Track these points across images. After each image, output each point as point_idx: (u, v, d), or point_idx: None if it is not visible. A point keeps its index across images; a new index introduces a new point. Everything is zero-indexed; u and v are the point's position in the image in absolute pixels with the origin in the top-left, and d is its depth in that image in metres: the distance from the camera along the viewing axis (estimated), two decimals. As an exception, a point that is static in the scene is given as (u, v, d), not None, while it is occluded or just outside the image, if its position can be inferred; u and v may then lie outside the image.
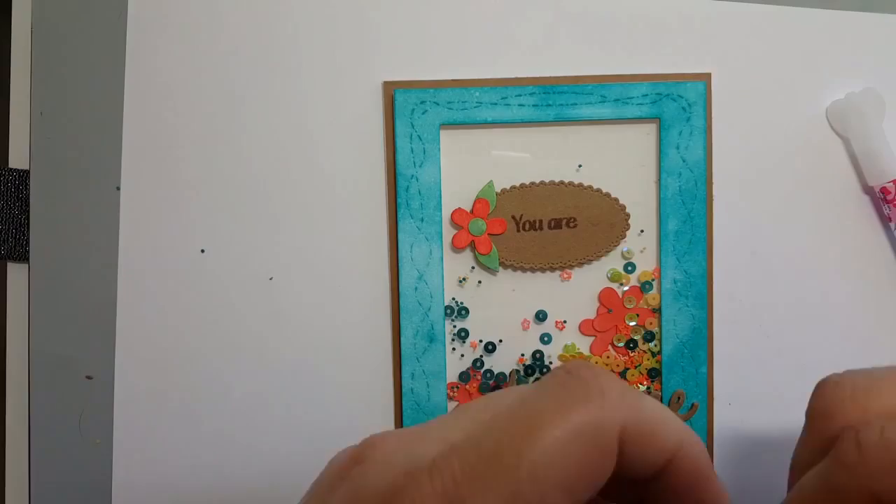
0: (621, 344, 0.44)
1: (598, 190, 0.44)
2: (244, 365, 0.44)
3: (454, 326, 0.44)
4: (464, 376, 0.44)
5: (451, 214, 0.44)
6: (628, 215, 0.44)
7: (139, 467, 0.44)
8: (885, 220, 0.45)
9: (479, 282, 0.44)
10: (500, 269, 0.44)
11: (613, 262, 0.44)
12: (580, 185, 0.44)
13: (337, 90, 0.44)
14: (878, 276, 0.45)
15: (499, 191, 0.44)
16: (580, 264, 0.44)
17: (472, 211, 0.44)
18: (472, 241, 0.44)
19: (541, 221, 0.44)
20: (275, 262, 0.44)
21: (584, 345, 0.45)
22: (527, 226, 0.44)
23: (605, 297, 0.44)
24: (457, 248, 0.44)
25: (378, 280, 0.44)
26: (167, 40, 0.44)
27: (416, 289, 0.43)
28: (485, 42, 0.44)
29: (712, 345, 0.44)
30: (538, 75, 0.43)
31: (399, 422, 0.44)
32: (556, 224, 0.44)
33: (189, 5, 0.44)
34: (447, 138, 0.43)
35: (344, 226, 0.44)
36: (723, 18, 0.44)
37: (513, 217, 0.44)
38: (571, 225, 0.44)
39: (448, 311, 0.44)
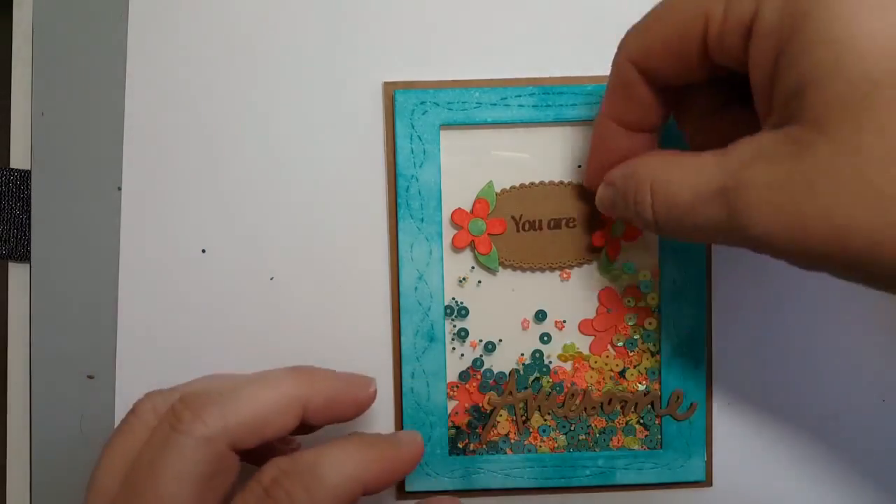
0: (620, 343, 0.45)
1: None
2: (245, 365, 0.44)
3: (454, 326, 0.45)
4: (464, 376, 0.45)
5: (451, 214, 0.44)
6: (628, 215, 0.44)
7: (140, 466, 0.44)
8: (884, 220, 0.45)
9: (479, 282, 0.44)
10: (500, 269, 0.44)
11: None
12: (580, 185, 0.44)
13: (337, 90, 0.44)
14: (877, 275, 0.45)
15: (498, 191, 0.44)
16: (580, 264, 0.44)
17: (472, 211, 0.44)
18: (472, 240, 0.44)
19: (540, 221, 0.44)
20: (275, 262, 0.44)
21: (583, 344, 0.45)
22: (526, 226, 0.44)
23: (605, 297, 0.44)
24: (457, 247, 0.44)
25: (378, 280, 0.44)
26: (168, 40, 0.44)
27: (416, 289, 0.44)
28: (485, 42, 0.44)
29: (711, 344, 0.44)
30: (538, 75, 0.44)
31: (399, 421, 0.44)
32: (556, 224, 0.44)
33: (190, 6, 0.44)
34: (447, 139, 0.44)
35: (344, 226, 0.44)
36: (722, 19, 0.44)
37: (512, 217, 0.44)
38: (571, 225, 0.44)
39: (448, 310, 0.44)
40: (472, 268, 0.44)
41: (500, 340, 0.45)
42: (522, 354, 0.45)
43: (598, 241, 0.43)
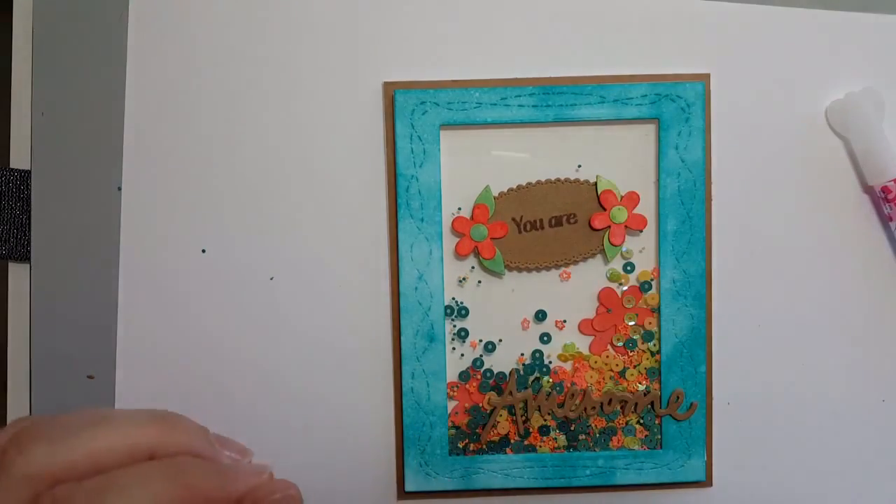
0: (620, 343, 0.45)
1: (595, 185, 0.44)
2: (244, 364, 0.44)
3: (454, 326, 0.45)
4: (464, 376, 0.45)
5: (452, 223, 0.44)
6: (628, 215, 0.44)
7: (140, 466, 0.44)
8: (885, 220, 0.45)
9: (479, 282, 0.44)
10: (506, 271, 0.44)
11: (613, 261, 0.44)
12: (577, 181, 0.44)
13: (337, 91, 0.44)
14: (878, 275, 0.45)
15: (496, 194, 0.44)
16: (584, 258, 0.44)
17: (471, 217, 0.44)
18: (476, 247, 0.44)
19: (541, 220, 0.44)
20: (275, 262, 0.44)
21: (583, 344, 0.45)
22: (528, 226, 0.44)
23: (605, 297, 0.44)
24: (460, 255, 0.44)
25: (378, 280, 0.44)
26: (168, 41, 0.44)
27: (416, 289, 0.43)
28: (485, 42, 0.44)
29: (711, 344, 0.44)
30: (538, 76, 0.44)
31: (399, 421, 0.44)
32: (557, 221, 0.44)
33: (189, 6, 0.44)
34: (447, 139, 0.44)
35: (344, 226, 0.44)
36: (722, 18, 0.44)
37: (513, 219, 0.44)
38: (572, 221, 0.44)
39: (448, 310, 0.44)
40: (473, 268, 0.44)
41: (500, 340, 0.45)
42: (522, 354, 0.45)
43: (598, 224, 0.43)
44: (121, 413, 0.33)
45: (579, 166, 0.44)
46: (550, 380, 0.45)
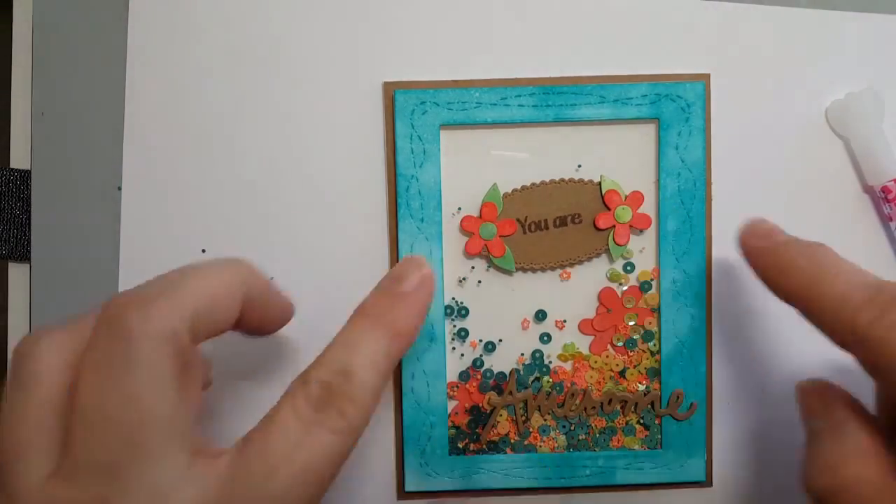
0: (620, 343, 0.45)
1: (598, 184, 0.44)
2: (245, 365, 0.44)
3: (454, 326, 0.45)
4: (464, 376, 0.45)
5: (461, 223, 0.44)
6: (628, 215, 0.44)
7: (140, 466, 0.44)
8: (885, 220, 0.45)
9: (479, 281, 0.44)
10: (515, 270, 0.44)
11: (613, 261, 0.44)
12: (581, 181, 0.44)
13: (337, 90, 0.44)
14: (877, 275, 0.45)
15: (501, 194, 0.44)
16: (589, 258, 0.44)
17: (479, 216, 0.44)
18: (485, 245, 0.44)
19: (546, 221, 0.44)
20: (275, 262, 0.44)
21: (583, 344, 0.45)
22: (532, 227, 0.44)
23: (605, 297, 0.45)
24: (470, 254, 0.44)
25: (378, 280, 0.44)
26: (168, 40, 0.44)
27: (416, 289, 0.43)
28: (484, 42, 0.44)
29: (711, 344, 0.44)
30: (538, 76, 0.44)
31: (399, 421, 0.44)
32: (562, 222, 0.44)
33: (190, 6, 0.44)
34: (447, 139, 0.44)
35: (344, 226, 0.44)
36: (722, 19, 0.44)
37: (518, 220, 0.44)
38: (577, 221, 0.44)
39: (448, 310, 0.44)
40: (473, 268, 0.44)
41: (500, 340, 0.45)
42: (522, 354, 0.45)
43: (603, 224, 0.43)
44: (196, 264, 0.33)
45: (579, 166, 0.44)
46: (550, 380, 0.45)
